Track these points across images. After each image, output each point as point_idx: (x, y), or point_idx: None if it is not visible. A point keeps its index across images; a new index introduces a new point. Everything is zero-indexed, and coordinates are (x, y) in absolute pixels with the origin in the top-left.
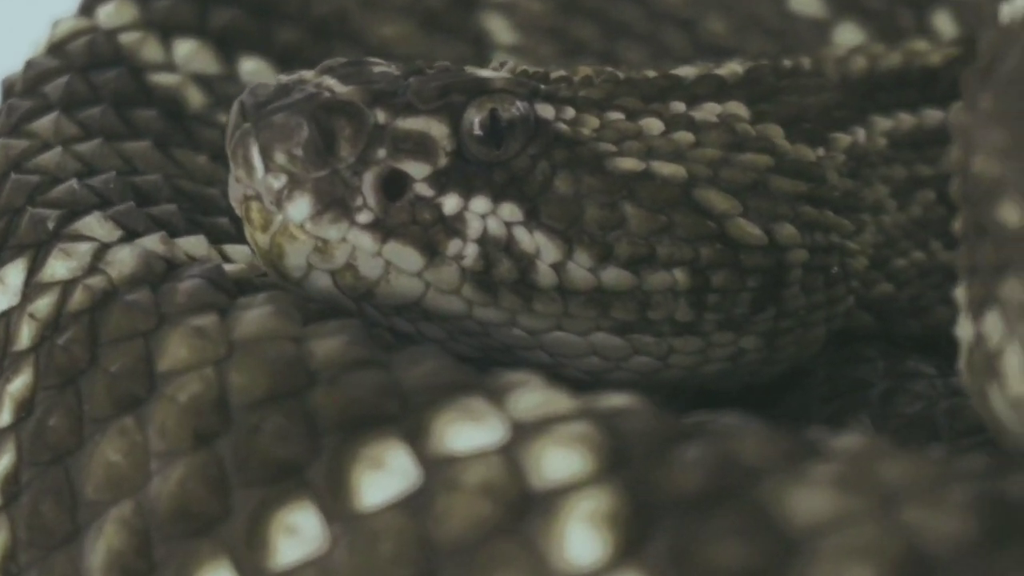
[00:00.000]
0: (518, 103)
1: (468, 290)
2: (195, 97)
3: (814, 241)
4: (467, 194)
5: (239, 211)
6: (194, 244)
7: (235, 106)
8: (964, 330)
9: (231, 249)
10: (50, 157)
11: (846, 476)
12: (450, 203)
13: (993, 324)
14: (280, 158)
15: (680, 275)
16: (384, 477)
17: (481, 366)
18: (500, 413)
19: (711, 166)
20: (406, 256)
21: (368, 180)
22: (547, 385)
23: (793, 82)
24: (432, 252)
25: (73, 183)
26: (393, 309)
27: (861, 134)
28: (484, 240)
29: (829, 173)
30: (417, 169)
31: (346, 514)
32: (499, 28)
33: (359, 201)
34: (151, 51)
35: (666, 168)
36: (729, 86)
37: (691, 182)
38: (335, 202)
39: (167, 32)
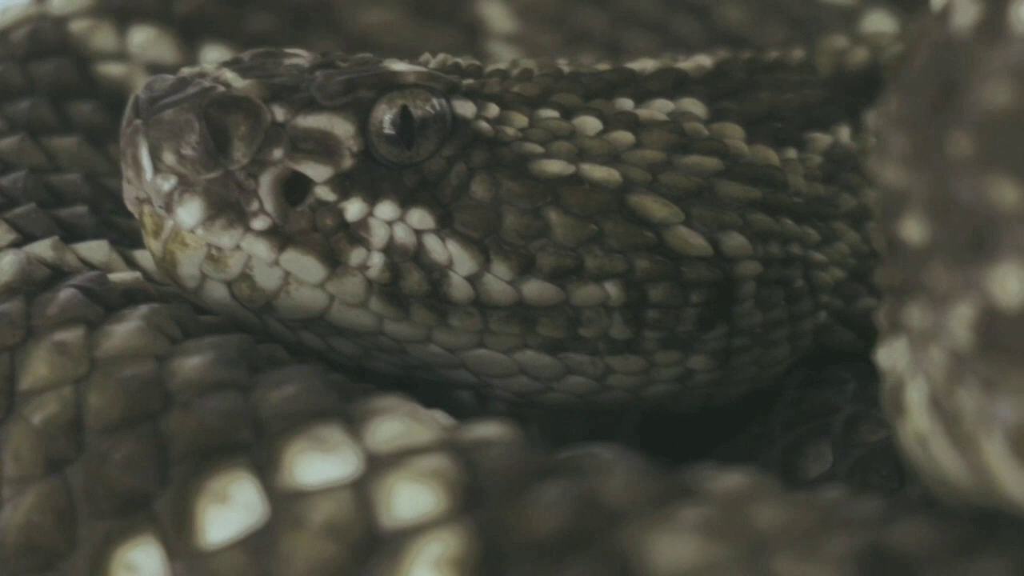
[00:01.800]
0: (433, 100)
1: (376, 303)
2: None
3: (768, 252)
4: (372, 199)
5: (135, 215)
6: (94, 249)
7: (130, 101)
8: (882, 357)
9: (142, 255)
10: None
11: (715, 521)
12: (353, 208)
13: (900, 353)
14: (169, 158)
15: (613, 289)
16: (229, 512)
17: (394, 385)
18: (355, 444)
19: (650, 169)
20: (306, 266)
21: (265, 183)
22: (412, 413)
23: (770, 77)
24: (334, 262)
25: None
26: (298, 323)
27: (845, 133)
28: (390, 249)
29: (793, 178)
30: (318, 171)
31: (188, 552)
32: (496, 15)
33: (255, 206)
34: (102, 39)
35: (598, 171)
36: (690, 81)
37: (626, 187)
38: (228, 206)
39: (125, 18)
